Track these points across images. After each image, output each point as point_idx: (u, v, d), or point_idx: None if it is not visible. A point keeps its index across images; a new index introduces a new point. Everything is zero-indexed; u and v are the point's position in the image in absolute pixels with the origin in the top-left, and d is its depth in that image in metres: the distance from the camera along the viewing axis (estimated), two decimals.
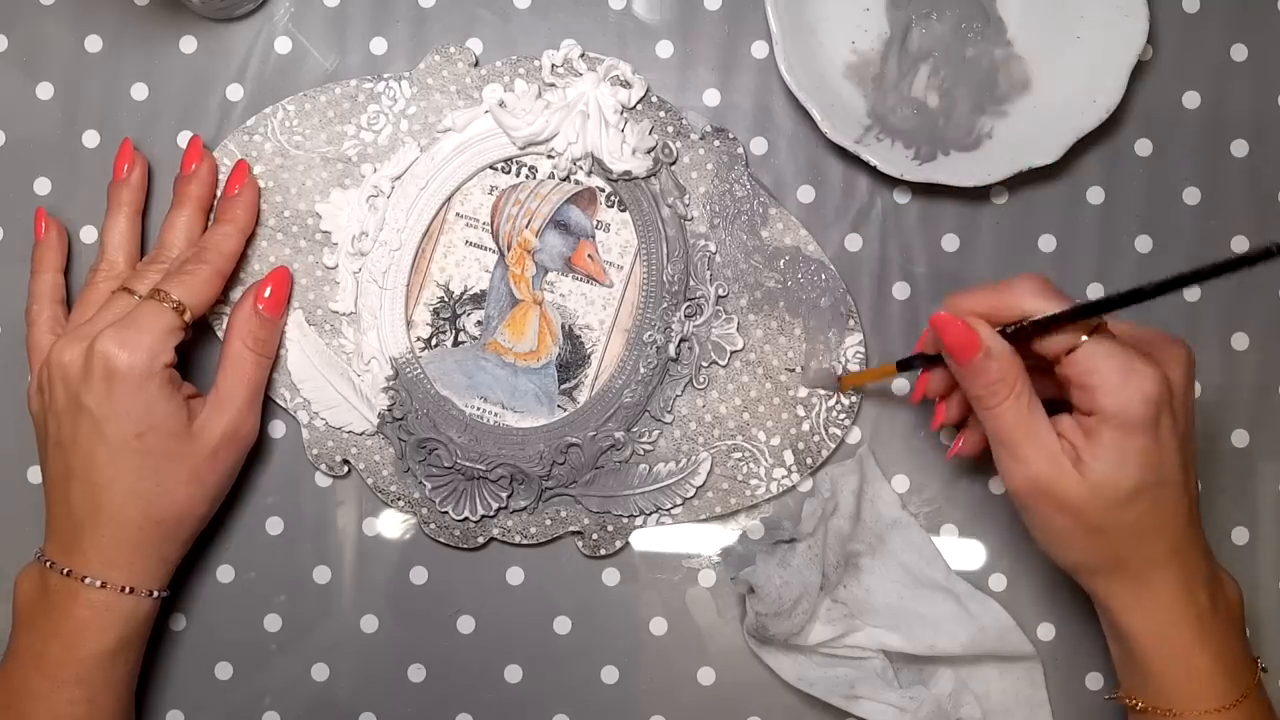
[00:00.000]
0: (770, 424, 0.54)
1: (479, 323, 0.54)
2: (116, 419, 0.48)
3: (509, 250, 0.54)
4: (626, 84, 0.54)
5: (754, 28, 0.56)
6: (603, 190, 0.54)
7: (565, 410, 0.54)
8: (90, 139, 0.56)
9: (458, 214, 0.54)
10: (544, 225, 0.54)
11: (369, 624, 0.55)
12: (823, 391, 0.54)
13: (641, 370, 0.54)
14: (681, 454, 0.54)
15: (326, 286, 0.54)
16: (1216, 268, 0.40)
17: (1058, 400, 0.46)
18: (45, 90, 0.56)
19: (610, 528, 0.54)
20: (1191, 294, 0.55)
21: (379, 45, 0.56)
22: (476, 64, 0.54)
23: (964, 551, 0.55)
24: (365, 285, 0.54)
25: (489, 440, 0.54)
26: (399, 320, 0.54)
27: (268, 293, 0.53)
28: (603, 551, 0.54)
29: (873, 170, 0.53)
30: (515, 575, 0.55)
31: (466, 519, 0.54)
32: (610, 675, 0.55)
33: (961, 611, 0.53)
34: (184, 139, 0.55)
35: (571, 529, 0.54)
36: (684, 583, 0.55)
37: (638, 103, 0.54)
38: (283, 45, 0.56)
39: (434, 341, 0.54)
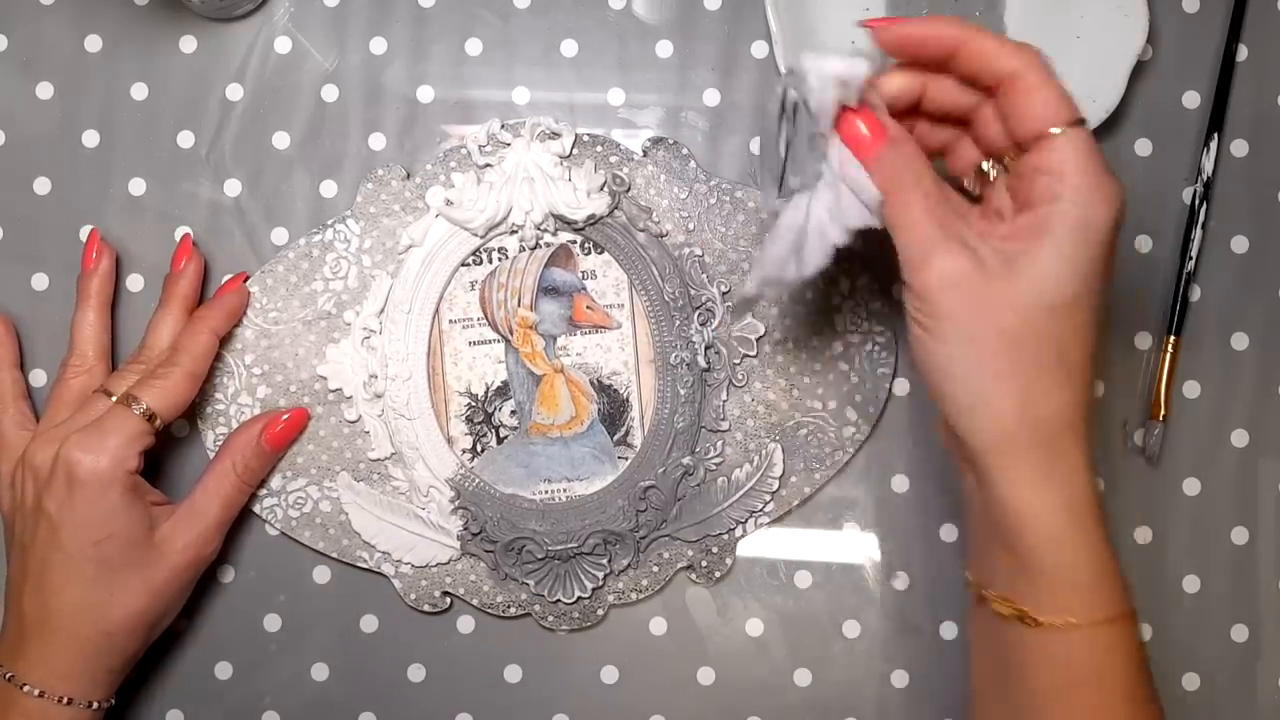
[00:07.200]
0: (821, 390, 0.54)
1: (513, 412, 0.54)
2: (74, 525, 0.47)
3: (512, 334, 0.54)
4: (555, 135, 0.53)
5: (754, 28, 0.56)
6: (574, 242, 0.54)
7: (627, 459, 0.54)
8: (90, 139, 0.56)
9: (450, 321, 0.54)
10: (534, 297, 0.54)
11: (369, 624, 0.55)
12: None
13: (681, 391, 0.54)
14: (751, 453, 0.54)
15: (358, 440, 0.54)
16: None
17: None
18: (45, 90, 0.56)
19: (715, 549, 0.54)
20: (1192, 294, 0.55)
21: (379, 45, 0.56)
22: (408, 176, 0.54)
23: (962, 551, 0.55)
24: (394, 423, 0.54)
25: (569, 517, 0.54)
26: (439, 442, 0.54)
27: (279, 427, 0.52)
28: (716, 574, 0.54)
29: None
30: None
31: (579, 599, 0.54)
32: (610, 675, 0.55)
33: None
34: (185, 138, 0.56)
35: (680, 566, 0.54)
36: (684, 583, 0.55)
37: (572, 148, 0.54)
38: (283, 45, 0.56)
39: (479, 448, 0.54)
